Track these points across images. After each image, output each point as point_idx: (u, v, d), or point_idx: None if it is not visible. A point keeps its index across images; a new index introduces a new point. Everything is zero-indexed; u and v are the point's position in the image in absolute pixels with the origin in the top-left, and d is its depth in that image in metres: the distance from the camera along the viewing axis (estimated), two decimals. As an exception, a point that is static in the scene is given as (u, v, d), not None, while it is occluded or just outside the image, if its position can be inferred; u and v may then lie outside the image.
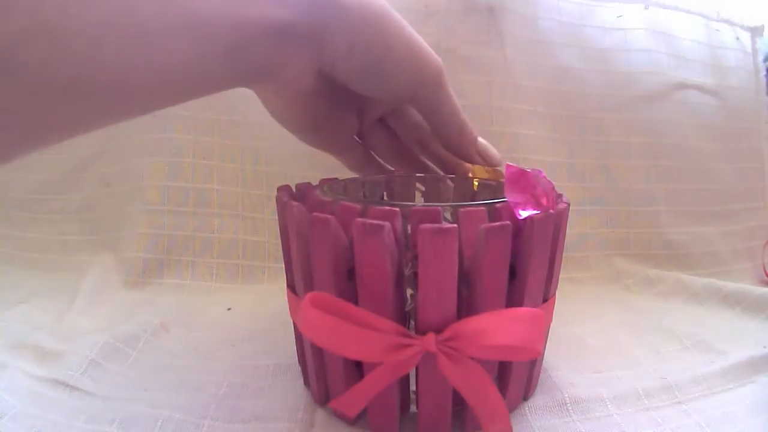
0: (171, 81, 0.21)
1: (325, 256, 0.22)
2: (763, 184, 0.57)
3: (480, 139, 0.32)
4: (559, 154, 0.51)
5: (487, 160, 0.32)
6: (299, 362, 0.29)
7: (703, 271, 0.50)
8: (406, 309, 0.24)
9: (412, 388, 0.25)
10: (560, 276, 0.28)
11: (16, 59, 0.16)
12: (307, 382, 0.28)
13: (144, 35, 0.18)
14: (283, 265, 0.28)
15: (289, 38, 0.23)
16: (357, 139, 0.34)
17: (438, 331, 0.21)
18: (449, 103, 0.29)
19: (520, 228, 0.23)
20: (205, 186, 0.47)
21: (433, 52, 0.28)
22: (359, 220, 0.20)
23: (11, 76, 0.16)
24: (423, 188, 0.35)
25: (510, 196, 0.23)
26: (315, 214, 0.22)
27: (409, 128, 0.34)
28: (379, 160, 0.36)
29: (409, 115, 0.33)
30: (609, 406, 0.27)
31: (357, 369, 0.24)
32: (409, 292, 0.24)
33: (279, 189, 0.28)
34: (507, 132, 0.48)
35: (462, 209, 0.22)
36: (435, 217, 0.22)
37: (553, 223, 0.24)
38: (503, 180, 0.25)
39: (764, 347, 0.33)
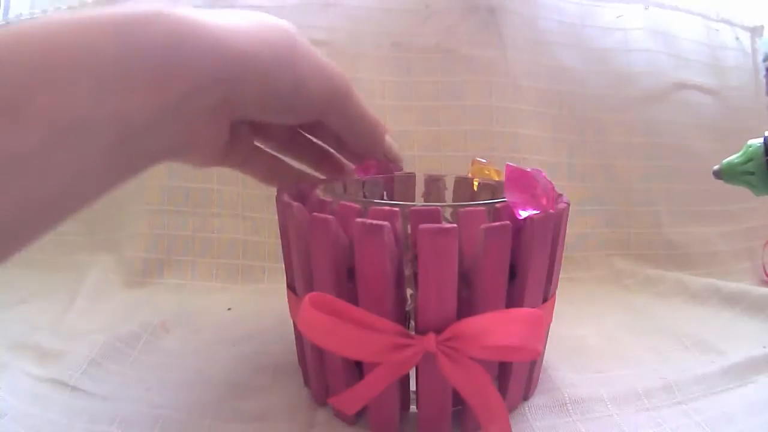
0: (55, 203, 0.18)
1: (325, 256, 0.22)
2: (763, 184, 0.57)
3: (387, 138, 0.31)
4: (559, 154, 0.51)
5: (390, 158, 0.32)
6: (299, 362, 0.29)
7: (703, 271, 0.50)
8: (406, 309, 0.24)
9: (412, 388, 0.25)
10: (560, 276, 0.28)
11: None
12: (307, 382, 0.28)
13: (6, 167, 0.16)
14: (283, 265, 0.28)
15: (195, 110, 0.21)
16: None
17: (438, 331, 0.21)
18: (358, 115, 0.29)
19: (520, 228, 0.23)
20: (205, 186, 0.47)
21: (336, 66, 0.27)
22: (359, 220, 0.20)
23: None
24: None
25: (510, 196, 0.23)
26: (315, 214, 0.22)
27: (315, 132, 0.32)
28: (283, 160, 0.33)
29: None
30: (609, 406, 0.27)
31: (357, 369, 0.24)
32: (409, 292, 0.24)
33: (279, 189, 0.28)
34: (507, 132, 0.48)
35: (462, 209, 0.22)
36: (435, 217, 0.22)
37: (553, 223, 0.24)
38: (503, 180, 0.25)
39: (764, 347, 0.33)
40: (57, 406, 0.26)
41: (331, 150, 0.32)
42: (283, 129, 0.31)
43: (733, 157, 0.27)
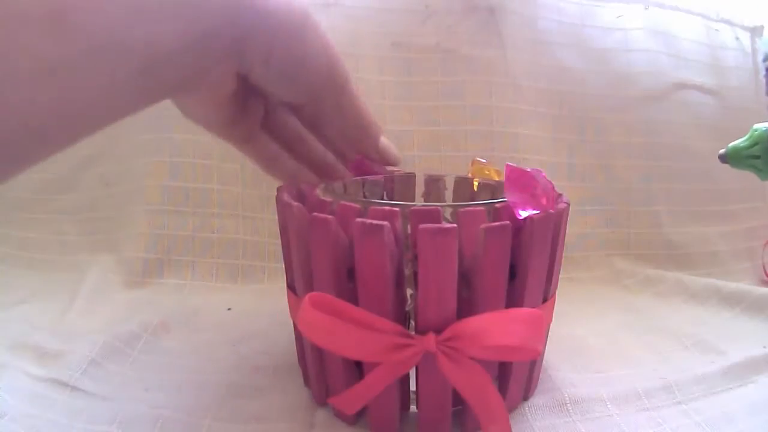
0: (82, 114, 0.19)
1: (324, 256, 0.22)
2: (764, 184, 0.57)
3: (382, 139, 0.32)
4: (559, 154, 0.51)
5: (385, 160, 0.32)
6: (299, 362, 0.29)
7: (703, 271, 0.50)
8: (406, 309, 0.24)
9: (412, 388, 0.25)
10: (560, 276, 0.28)
11: None
12: (307, 382, 0.28)
13: (45, 72, 0.17)
14: (283, 265, 0.28)
15: (208, 48, 0.22)
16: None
17: (438, 331, 0.21)
18: (353, 107, 0.29)
19: (520, 228, 0.23)
20: (205, 186, 0.47)
21: (340, 55, 0.28)
22: (359, 220, 0.20)
23: None
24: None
25: (510, 196, 0.23)
26: (315, 214, 0.22)
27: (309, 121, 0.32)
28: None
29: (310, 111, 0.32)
30: (609, 406, 0.27)
31: (357, 369, 0.24)
32: (409, 292, 0.24)
33: (279, 189, 0.28)
34: (507, 132, 0.48)
35: (462, 209, 0.22)
36: (435, 217, 0.22)
37: (553, 223, 0.24)
38: (503, 180, 0.25)
39: (764, 347, 0.33)
40: (57, 406, 0.26)
41: (332, 158, 0.33)
42: (291, 126, 0.32)
43: (739, 141, 0.27)
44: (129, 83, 0.20)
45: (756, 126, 0.27)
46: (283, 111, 0.32)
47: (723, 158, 0.28)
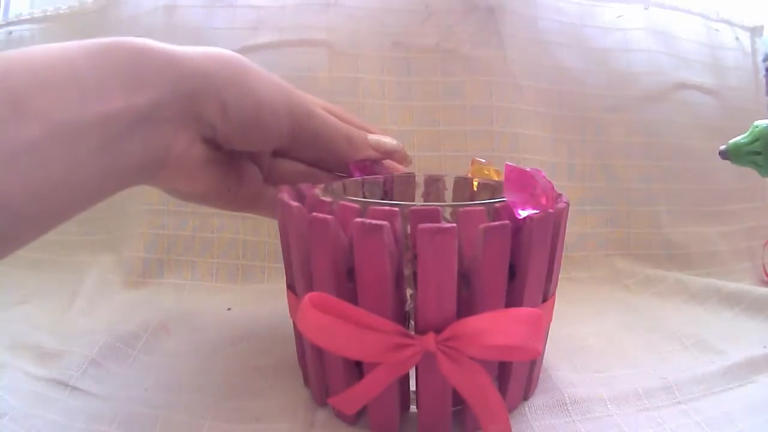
0: (55, 193, 0.20)
1: (324, 256, 0.22)
2: (763, 184, 0.57)
3: (371, 136, 0.32)
4: (559, 154, 0.51)
5: (384, 152, 0.32)
6: (299, 362, 0.29)
7: (703, 271, 0.50)
8: (406, 309, 0.24)
9: (412, 388, 0.25)
10: (560, 276, 0.28)
11: None
12: (307, 382, 0.28)
13: (9, 156, 0.18)
14: (283, 265, 0.28)
15: (159, 119, 0.23)
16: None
17: (438, 330, 0.21)
18: (326, 126, 0.30)
19: (519, 228, 0.23)
20: (205, 186, 0.47)
21: (292, 87, 0.28)
22: (359, 220, 0.20)
23: None
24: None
25: (509, 196, 0.23)
26: (315, 214, 0.22)
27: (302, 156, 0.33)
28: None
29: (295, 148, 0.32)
30: (609, 406, 0.27)
31: (357, 369, 0.24)
32: (409, 292, 0.24)
33: (279, 189, 0.28)
34: (507, 132, 0.48)
35: (462, 209, 0.22)
36: (435, 217, 0.22)
37: (553, 223, 0.24)
38: (503, 180, 0.25)
39: (764, 347, 0.33)
40: (57, 406, 0.26)
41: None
42: (292, 169, 0.32)
43: (740, 138, 0.27)
44: (92, 161, 0.21)
45: (757, 122, 0.27)
46: (279, 161, 0.32)
47: (724, 154, 0.28)
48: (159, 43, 0.23)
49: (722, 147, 0.28)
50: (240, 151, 0.29)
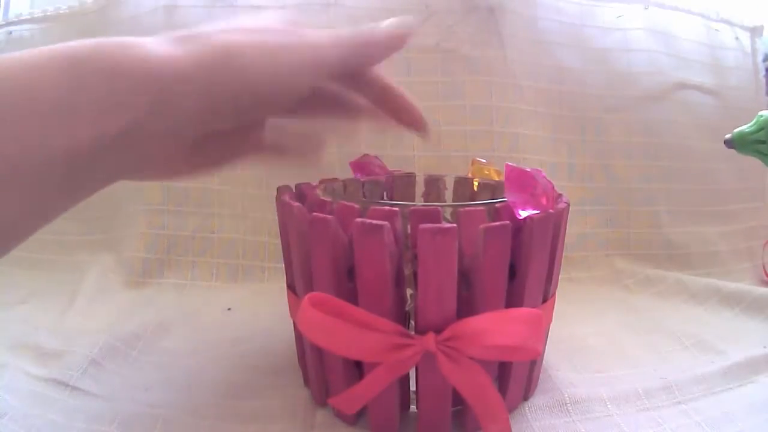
0: (12, 232, 0.19)
1: (324, 256, 0.22)
2: (763, 184, 0.57)
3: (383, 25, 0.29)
4: (559, 154, 0.51)
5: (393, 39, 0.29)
6: (299, 362, 0.29)
7: (703, 271, 0.50)
8: (406, 309, 0.24)
9: (412, 388, 0.25)
10: (560, 276, 0.28)
11: None
12: (307, 382, 0.28)
13: None
14: (283, 265, 0.28)
15: (139, 139, 0.20)
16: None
17: (438, 330, 0.21)
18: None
19: (519, 228, 0.23)
20: (205, 186, 0.47)
21: (291, 42, 0.24)
22: (359, 220, 0.20)
23: None
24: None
25: (510, 196, 0.23)
26: (315, 214, 0.22)
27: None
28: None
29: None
30: (609, 406, 0.27)
31: (357, 369, 0.24)
32: (409, 292, 0.24)
33: (279, 189, 0.28)
34: (507, 132, 0.48)
35: (462, 209, 0.22)
36: (435, 217, 0.22)
37: (553, 223, 0.24)
38: (503, 180, 0.25)
39: (764, 347, 0.33)
40: (57, 406, 0.26)
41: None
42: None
43: (745, 127, 0.27)
44: (56, 187, 0.19)
45: (762, 112, 0.27)
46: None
47: (729, 143, 0.28)
48: (139, 51, 0.20)
49: (727, 136, 0.28)
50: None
